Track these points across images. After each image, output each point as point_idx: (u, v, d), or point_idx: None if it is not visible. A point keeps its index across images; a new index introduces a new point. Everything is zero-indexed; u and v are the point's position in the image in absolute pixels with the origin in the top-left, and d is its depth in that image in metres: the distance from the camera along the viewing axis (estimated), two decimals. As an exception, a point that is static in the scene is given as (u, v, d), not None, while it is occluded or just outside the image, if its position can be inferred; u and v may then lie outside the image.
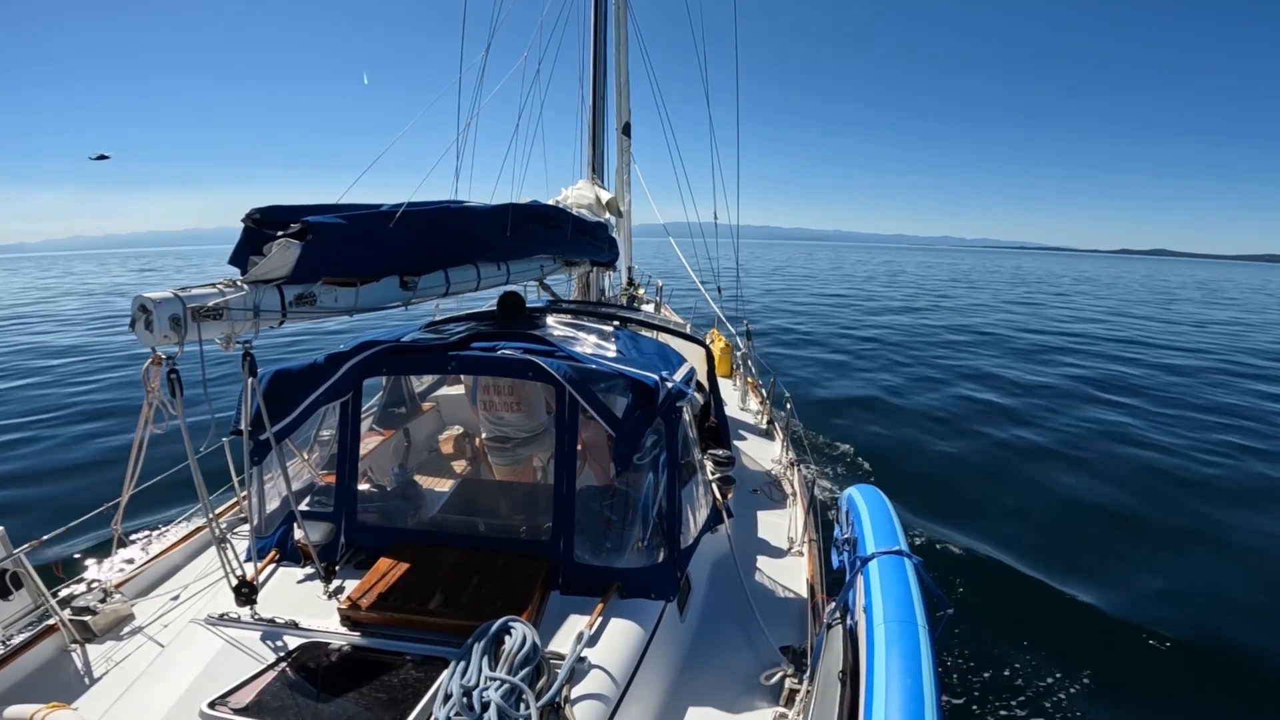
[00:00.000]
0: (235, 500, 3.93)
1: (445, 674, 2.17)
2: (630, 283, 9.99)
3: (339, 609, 2.56)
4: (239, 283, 2.46)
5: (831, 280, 46.57)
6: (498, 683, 2.08)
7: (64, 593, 2.93)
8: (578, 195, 6.78)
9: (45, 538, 3.01)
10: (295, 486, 3.14)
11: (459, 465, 4.30)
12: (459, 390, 5.26)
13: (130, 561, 3.38)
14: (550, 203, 6.01)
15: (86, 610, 2.80)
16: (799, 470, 4.85)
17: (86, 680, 2.56)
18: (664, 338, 5.19)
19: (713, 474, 3.77)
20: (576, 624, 2.54)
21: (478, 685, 2.08)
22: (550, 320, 4.17)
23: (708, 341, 6.25)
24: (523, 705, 2.06)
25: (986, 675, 4.61)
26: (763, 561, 3.68)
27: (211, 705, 2.08)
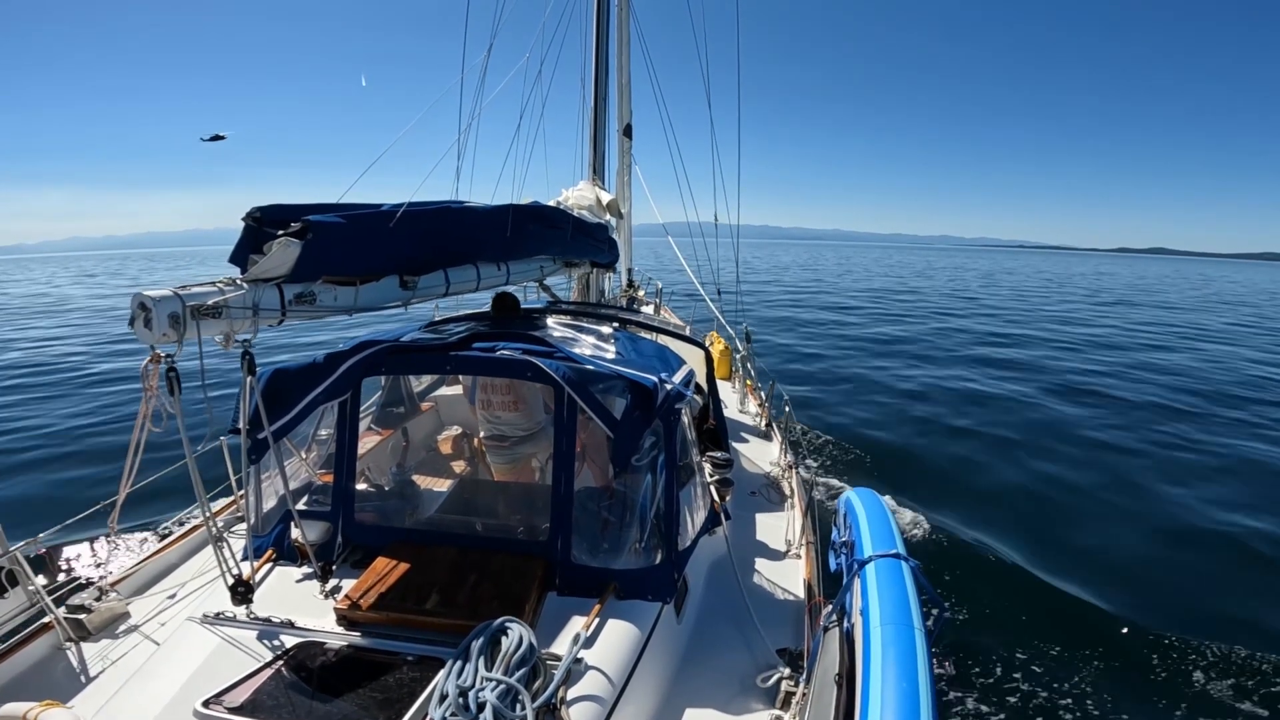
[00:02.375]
0: (232, 499, 3.92)
1: (441, 674, 2.16)
2: (630, 284, 10.00)
3: (335, 608, 2.56)
4: (239, 281, 2.46)
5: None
6: (494, 683, 2.08)
7: (59, 590, 2.93)
8: (578, 196, 6.78)
9: (41, 535, 3.01)
10: (293, 485, 3.14)
11: (457, 465, 4.30)
12: (458, 390, 5.26)
13: (127, 559, 3.37)
14: (551, 204, 6.02)
15: (82, 608, 2.80)
16: (797, 473, 4.85)
17: (81, 678, 2.55)
18: (663, 339, 5.19)
19: (711, 476, 3.77)
20: (573, 625, 2.54)
21: (474, 685, 2.08)
22: (550, 321, 4.17)
23: (707, 344, 6.26)
24: (519, 706, 2.05)
25: (983, 678, 4.61)
26: (760, 563, 3.68)
27: (206, 704, 2.08)
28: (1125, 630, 5.29)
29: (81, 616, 2.76)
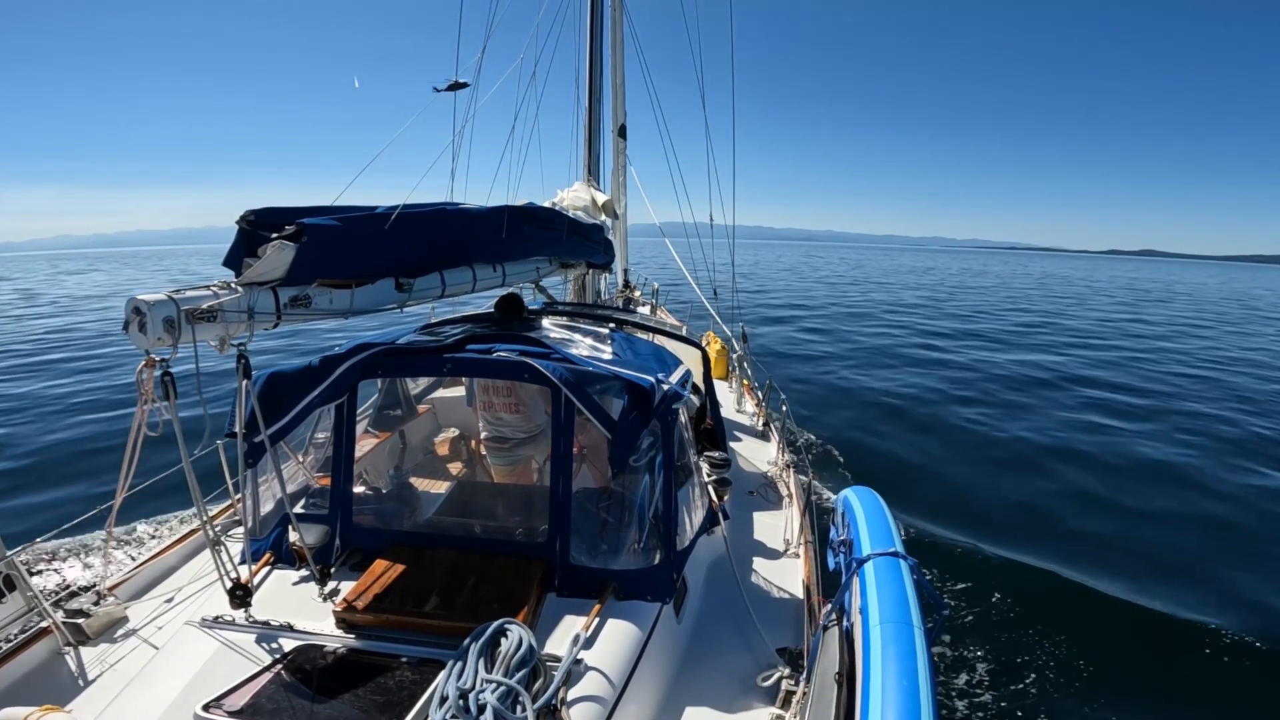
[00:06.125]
0: (230, 503, 3.91)
1: (441, 676, 2.16)
2: (626, 285, 9.98)
3: (334, 611, 2.55)
4: (233, 285, 2.46)
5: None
6: (494, 685, 2.08)
7: (57, 595, 2.92)
8: (573, 197, 6.78)
9: (39, 540, 3.00)
10: (290, 489, 3.13)
11: (455, 467, 4.29)
12: (455, 393, 5.25)
13: (125, 563, 3.36)
14: (546, 205, 6.01)
15: (80, 613, 2.79)
16: (795, 472, 4.85)
17: (80, 683, 2.54)
18: (660, 340, 5.19)
19: (709, 476, 3.77)
20: (573, 626, 2.54)
21: (474, 687, 2.08)
22: (546, 322, 4.16)
23: (704, 344, 6.26)
24: (519, 708, 2.05)
25: (982, 676, 4.62)
26: (759, 563, 3.68)
27: (206, 708, 2.07)
28: (1123, 623, 5.31)
29: (80, 621, 2.75)
